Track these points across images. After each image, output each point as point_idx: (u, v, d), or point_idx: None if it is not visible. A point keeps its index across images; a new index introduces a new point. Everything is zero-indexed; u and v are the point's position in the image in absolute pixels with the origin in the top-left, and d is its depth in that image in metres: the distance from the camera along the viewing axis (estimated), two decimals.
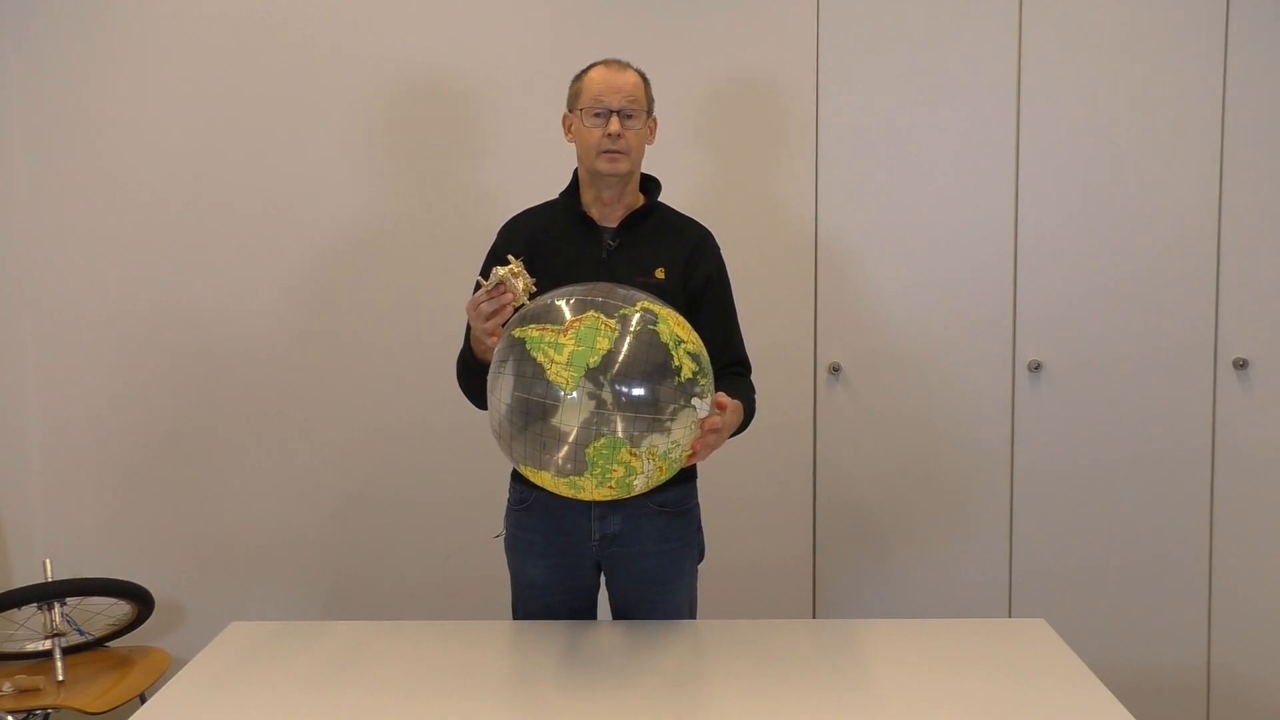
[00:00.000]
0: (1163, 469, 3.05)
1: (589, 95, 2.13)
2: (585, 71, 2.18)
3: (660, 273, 2.16)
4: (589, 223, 2.19)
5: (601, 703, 1.83)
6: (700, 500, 2.31)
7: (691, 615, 2.32)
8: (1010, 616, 3.07)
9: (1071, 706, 1.81)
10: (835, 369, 3.06)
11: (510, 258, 1.93)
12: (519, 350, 1.76)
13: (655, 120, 2.22)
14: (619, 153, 2.11)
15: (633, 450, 1.73)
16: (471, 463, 2.99)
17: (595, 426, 1.71)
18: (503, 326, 1.87)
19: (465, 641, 2.10)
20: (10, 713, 2.47)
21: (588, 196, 2.21)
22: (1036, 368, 3.04)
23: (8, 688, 2.50)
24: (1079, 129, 2.99)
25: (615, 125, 2.10)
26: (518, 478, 2.25)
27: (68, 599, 2.67)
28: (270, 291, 3.06)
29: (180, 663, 2.35)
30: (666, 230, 2.22)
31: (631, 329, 1.75)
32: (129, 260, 3.05)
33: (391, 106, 3.02)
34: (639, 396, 1.72)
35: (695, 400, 1.79)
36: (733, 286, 2.28)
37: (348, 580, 3.13)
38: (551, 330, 1.75)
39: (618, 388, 1.71)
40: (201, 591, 3.12)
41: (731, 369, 2.21)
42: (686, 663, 2.01)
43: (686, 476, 2.24)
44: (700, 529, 2.31)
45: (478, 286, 1.94)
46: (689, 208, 2.33)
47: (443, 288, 2.86)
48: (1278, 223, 2.99)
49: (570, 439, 1.72)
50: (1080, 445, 3.06)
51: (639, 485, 1.79)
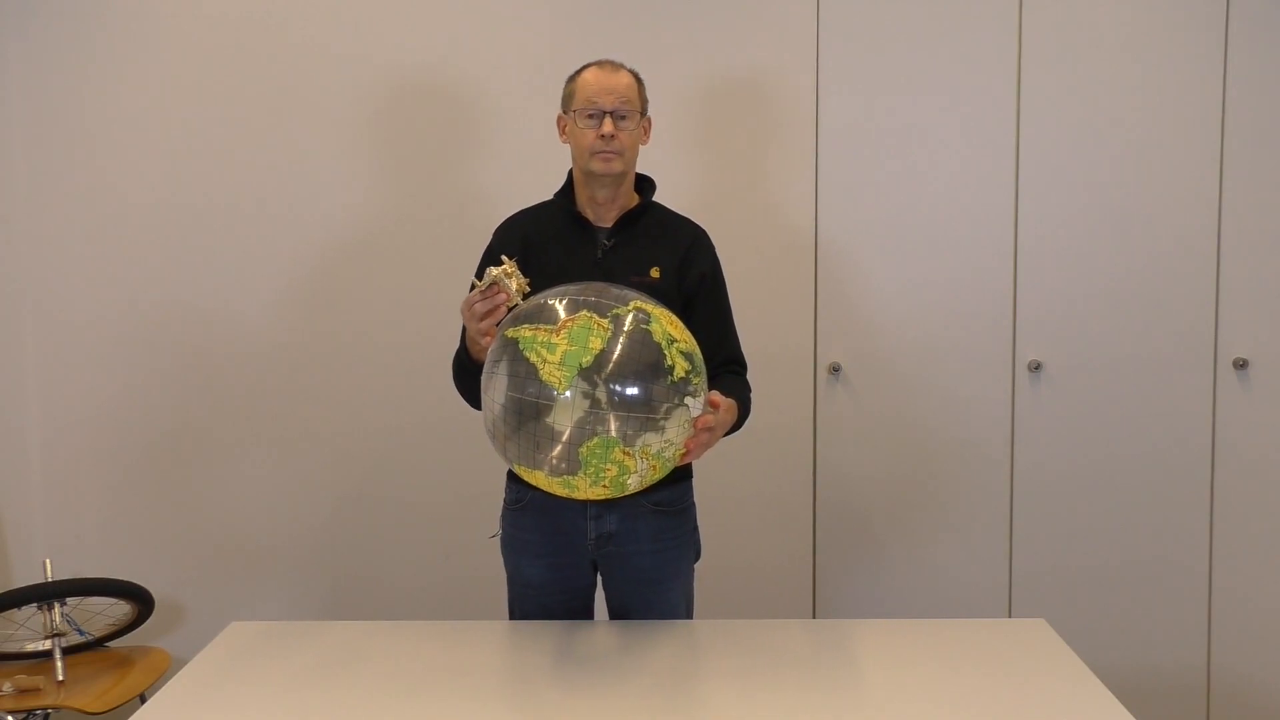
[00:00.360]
0: (1163, 469, 3.05)
1: (582, 96, 2.13)
2: (578, 73, 2.18)
3: (655, 272, 2.16)
4: (584, 223, 2.19)
5: (598, 703, 1.83)
6: (697, 500, 2.31)
7: (688, 615, 2.32)
8: (1010, 616, 3.07)
9: (1071, 706, 1.81)
10: (835, 369, 3.06)
11: (504, 258, 1.92)
12: (512, 350, 1.76)
13: (649, 120, 2.22)
14: (612, 153, 2.11)
15: (626, 449, 1.73)
16: (471, 462, 2.99)
17: (588, 426, 1.71)
18: (496, 326, 1.87)
19: (464, 641, 2.11)
20: (10, 713, 2.47)
21: (582, 197, 2.20)
22: (1036, 368, 3.04)
23: (8, 688, 2.50)
24: (1079, 129, 2.99)
25: (609, 126, 2.10)
26: (514, 477, 2.25)
27: (68, 599, 2.67)
28: (270, 292, 3.06)
29: (180, 663, 2.35)
30: (661, 230, 2.22)
31: (624, 328, 1.75)
32: (129, 260, 3.05)
33: (390, 107, 3.02)
34: (632, 395, 1.72)
35: (689, 399, 1.79)
36: (733, 287, 2.28)
37: (347, 580, 3.13)
38: (544, 330, 1.75)
39: (611, 387, 1.71)
40: (201, 591, 3.13)
41: (727, 368, 2.21)
42: (683, 662, 2.01)
43: (682, 476, 2.24)
44: (696, 528, 2.31)
45: (472, 287, 1.94)
46: (690, 208, 2.33)
47: (441, 288, 2.86)
48: (1278, 223, 2.99)
49: (564, 438, 1.72)
50: (1080, 445, 3.06)
51: (633, 484, 1.79)
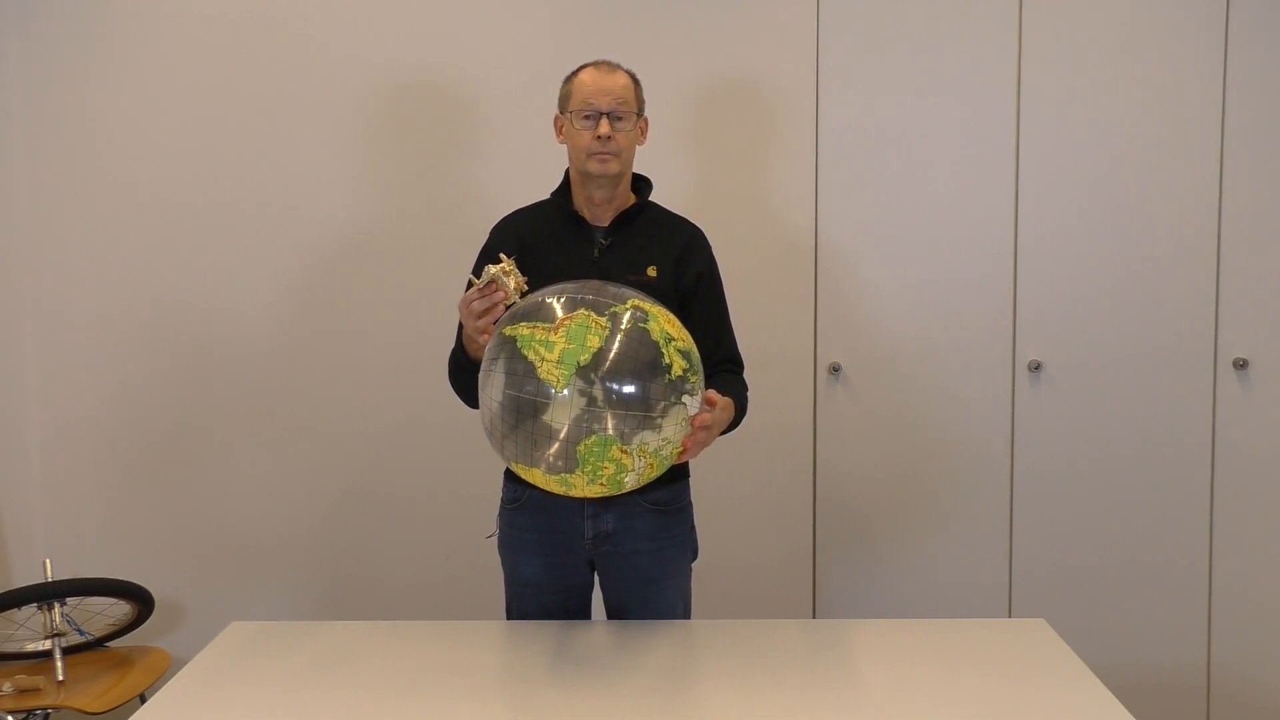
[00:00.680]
0: (1163, 469, 3.05)
1: (579, 98, 2.13)
2: (575, 73, 2.17)
3: (652, 271, 2.16)
4: (581, 222, 2.19)
5: (596, 703, 1.83)
6: (697, 500, 2.31)
7: (686, 614, 2.32)
8: (1010, 616, 3.07)
9: (1071, 706, 1.81)
10: (835, 369, 3.06)
11: (502, 256, 1.92)
12: (510, 348, 1.76)
13: (646, 120, 2.22)
14: (609, 154, 2.11)
15: (624, 447, 1.73)
16: (471, 461, 2.99)
17: (586, 424, 1.71)
18: (494, 325, 1.87)
19: (464, 641, 2.10)
20: (10, 713, 2.47)
21: (579, 197, 2.20)
22: (1036, 368, 3.04)
23: (8, 688, 2.50)
24: (1079, 129, 2.99)
25: (605, 128, 2.10)
26: (511, 476, 2.25)
27: (68, 599, 2.67)
28: (269, 291, 3.06)
29: (180, 663, 2.35)
30: (657, 229, 2.22)
31: (622, 326, 1.75)
32: (129, 260, 3.05)
33: (387, 106, 3.02)
34: (629, 394, 1.73)
35: (686, 397, 1.79)
36: (733, 287, 2.28)
37: (347, 580, 3.13)
38: (542, 328, 1.75)
39: (608, 385, 1.72)
40: (201, 591, 3.13)
41: (724, 367, 2.21)
42: (682, 662, 2.01)
43: (679, 475, 2.24)
44: (693, 528, 2.31)
45: (470, 285, 1.94)
46: (690, 208, 2.33)
47: (441, 287, 2.85)
48: (1278, 223, 2.99)
49: (561, 436, 1.72)
50: (1080, 445, 3.06)
51: (630, 482, 1.80)
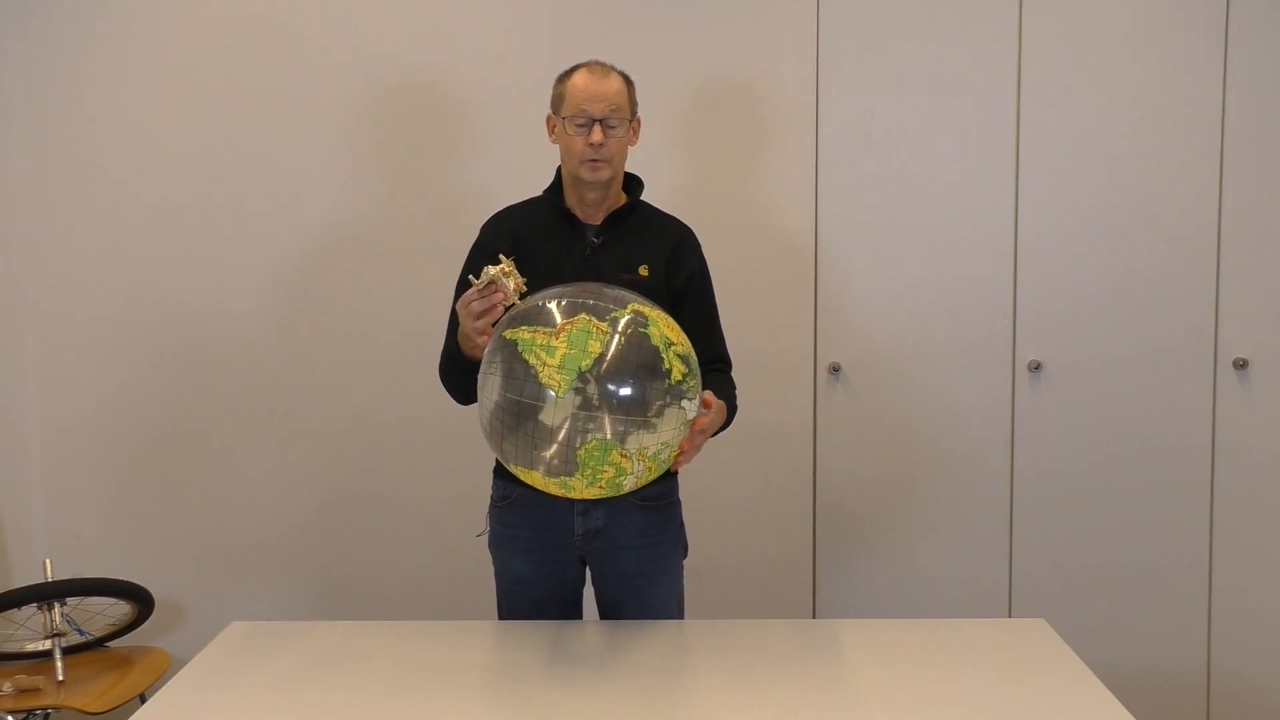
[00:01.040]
0: (1163, 469, 3.05)
1: (572, 103, 2.11)
2: (568, 75, 2.16)
3: (644, 270, 2.17)
4: (573, 220, 2.19)
5: (591, 702, 1.83)
6: (696, 500, 2.31)
7: (679, 610, 2.32)
8: (1010, 616, 3.07)
9: (1071, 706, 1.81)
10: (835, 369, 3.06)
11: (502, 257, 1.92)
12: (510, 351, 1.77)
13: (639, 121, 2.21)
14: (601, 161, 2.11)
15: (623, 451, 1.75)
16: (472, 461, 2.98)
17: (586, 428, 1.73)
18: (493, 326, 1.87)
19: (464, 641, 2.11)
20: (10, 713, 2.47)
21: (571, 196, 2.20)
22: (1036, 368, 3.04)
23: (8, 688, 2.49)
24: (1079, 129, 2.99)
25: (598, 135, 2.09)
26: (500, 474, 2.26)
27: (68, 599, 2.67)
28: (268, 291, 3.06)
29: (180, 663, 2.34)
30: (649, 228, 2.23)
31: (623, 332, 1.77)
32: (129, 260, 3.05)
33: (386, 106, 3.02)
34: (630, 398, 1.74)
35: (685, 402, 1.81)
36: (733, 287, 2.29)
37: (349, 579, 3.13)
38: (543, 333, 1.76)
39: (609, 389, 1.73)
40: (201, 591, 3.12)
41: (714, 366, 2.23)
42: (677, 662, 2.01)
43: (667, 471, 2.24)
44: (683, 524, 2.32)
45: (464, 285, 1.93)
46: (690, 208, 2.33)
47: (438, 286, 2.84)
48: (1278, 223, 2.99)
49: (561, 440, 1.73)
50: (1080, 445, 3.06)
51: (628, 485, 1.82)
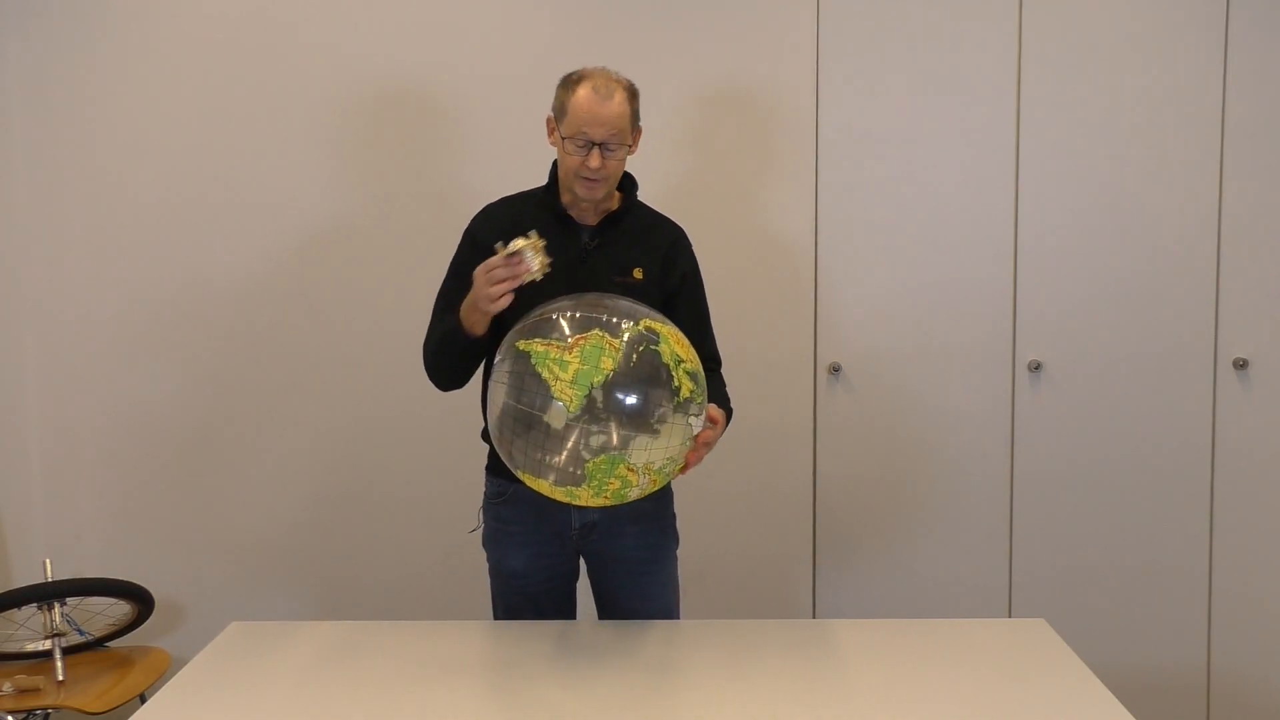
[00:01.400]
0: (1163, 469, 3.05)
1: (572, 123, 2.06)
2: (574, 85, 2.08)
3: (638, 273, 2.17)
4: (567, 220, 2.18)
5: (591, 701, 1.84)
6: (694, 501, 2.32)
7: (675, 600, 2.33)
8: (1010, 616, 3.07)
9: (1071, 706, 1.81)
10: (835, 369, 3.06)
11: (533, 233, 1.92)
12: (524, 363, 1.79)
13: (640, 130, 2.17)
14: (597, 181, 2.09)
15: (630, 465, 1.79)
16: (472, 460, 2.98)
17: (595, 442, 1.76)
18: (499, 318, 1.87)
19: (464, 640, 2.11)
20: (10, 713, 2.47)
21: (566, 198, 2.19)
22: (1036, 368, 3.04)
23: (8, 688, 2.49)
24: (1079, 129, 2.99)
25: (595, 161, 2.06)
26: (495, 471, 2.26)
27: (68, 599, 2.67)
28: (267, 291, 3.05)
29: (180, 663, 2.34)
30: (643, 230, 2.22)
31: (635, 348, 1.79)
32: (128, 260, 3.05)
33: (381, 105, 3.02)
34: (640, 414, 1.77)
35: (692, 419, 1.84)
36: (733, 287, 2.30)
37: (349, 579, 3.13)
38: (556, 346, 1.78)
39: (619, 405, 1.76)
40: (201, 591, 3.12)
41: (705, 365, 2.21)
42: (675, 661, 2.01)
43: None
44: (675, 514, 2.33)
45: (457, 265, 1.90)
46: (691, 208, 2.33)
47: (435, 285, 2.84)
48: (1278, 223, 2.99)
49: (571, 453, 1.76)
50: (1080, 445, 3.06)
51: (633, 495, 1.86)
